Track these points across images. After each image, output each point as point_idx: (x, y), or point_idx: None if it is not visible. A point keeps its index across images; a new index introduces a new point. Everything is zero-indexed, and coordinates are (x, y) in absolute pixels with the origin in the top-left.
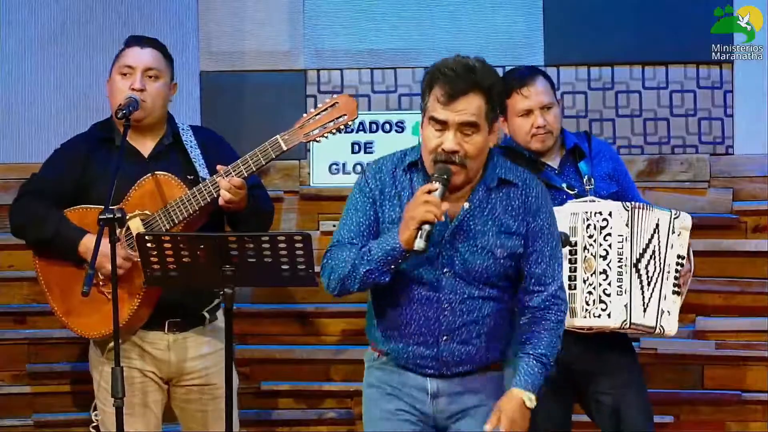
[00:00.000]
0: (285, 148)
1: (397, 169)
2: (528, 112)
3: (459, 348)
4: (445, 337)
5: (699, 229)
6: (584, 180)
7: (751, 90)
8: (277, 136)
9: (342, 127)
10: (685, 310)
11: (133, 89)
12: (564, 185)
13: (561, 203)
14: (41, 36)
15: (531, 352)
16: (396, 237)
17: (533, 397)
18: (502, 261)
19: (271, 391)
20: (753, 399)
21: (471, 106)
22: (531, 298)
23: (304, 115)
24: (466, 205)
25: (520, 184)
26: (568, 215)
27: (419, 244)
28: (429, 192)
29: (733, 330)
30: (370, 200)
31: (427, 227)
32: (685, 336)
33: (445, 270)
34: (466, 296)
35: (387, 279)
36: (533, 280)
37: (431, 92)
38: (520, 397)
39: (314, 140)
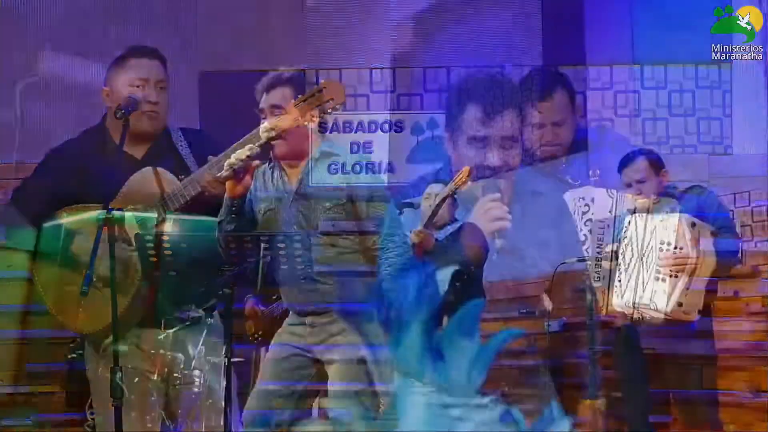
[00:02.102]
0: (272, 135)
1: None
2: (540, 126)
3: None
4: None
5: None
6: (590, 172)
7: (750, 90)
8: (264, 122)
9: (330, 111)
10: None
11: (149, 102)
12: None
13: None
14: (40, 36)
15: None
16: None
17: None
18: None
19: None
20: (752, 399)
21: None
22: None
23: (292, 101)
24: None
25: None
26: (570, 200)
27: None
28: None
29: (733, 330)
30: None
31: None
32: (685, 336)
33: None
34: None
35: None
36: None
37: None
38: None
39: (301, 126)
